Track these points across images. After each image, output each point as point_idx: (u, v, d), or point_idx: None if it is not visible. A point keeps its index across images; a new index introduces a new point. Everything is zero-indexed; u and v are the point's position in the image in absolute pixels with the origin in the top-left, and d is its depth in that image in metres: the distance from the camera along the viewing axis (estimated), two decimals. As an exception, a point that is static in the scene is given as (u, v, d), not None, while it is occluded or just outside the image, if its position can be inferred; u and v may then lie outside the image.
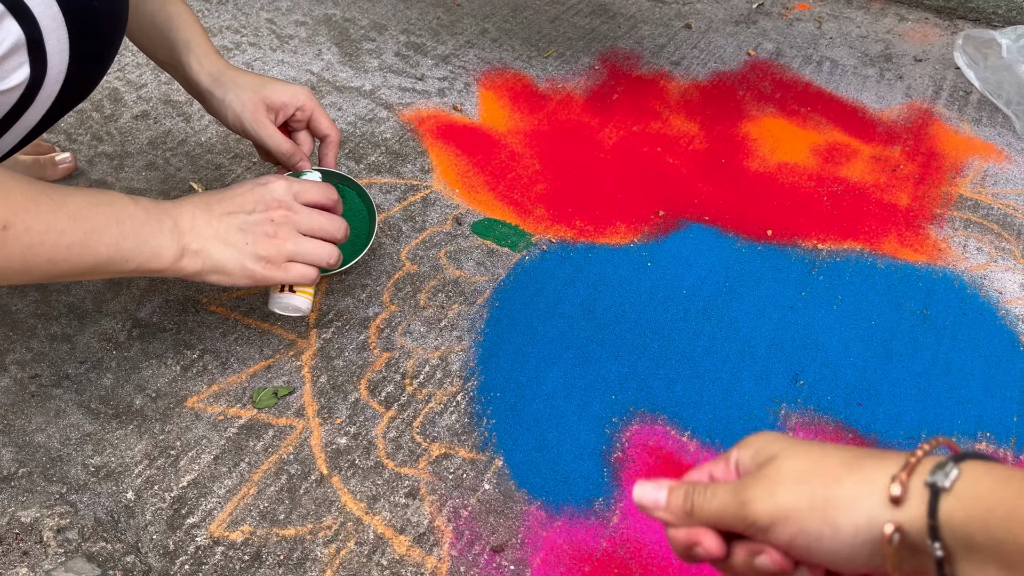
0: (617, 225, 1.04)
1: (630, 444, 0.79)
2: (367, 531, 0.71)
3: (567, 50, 1.38)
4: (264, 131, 0.83)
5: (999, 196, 1.12)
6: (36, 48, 0.61)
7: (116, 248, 0.64)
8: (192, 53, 0.83)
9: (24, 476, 0.72)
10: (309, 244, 0.75)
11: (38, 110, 0.66)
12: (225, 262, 0.71)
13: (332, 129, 0.87)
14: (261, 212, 0.73)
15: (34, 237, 0.60)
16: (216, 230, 0.70)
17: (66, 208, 0.62)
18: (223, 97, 0.83)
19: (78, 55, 0.65)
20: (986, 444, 0.81)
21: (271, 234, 0.73)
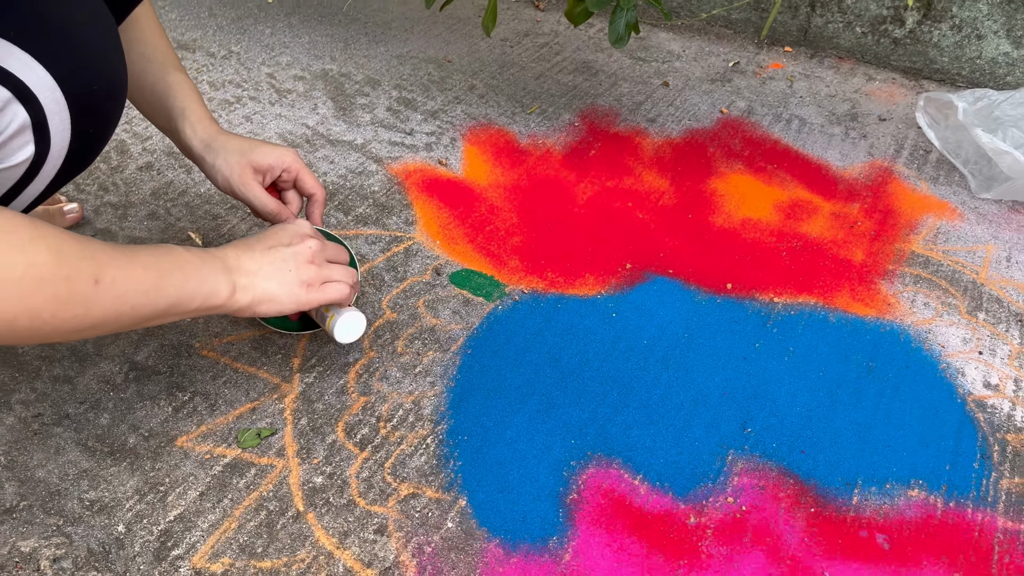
0: (586, 277, 1.11)
1: (585, 487, 0.85)
2: (337, 565, 0.77)
3: (549, 106, 1.46)
4: (251, 192, 0.90)
5: (949, 253, 1.19)
6: (40, 129, 0.69)
7: (182, 289, 0.72)
8: (187, 120, 0.91)
9: (25, 508, 0.79)
10: (338, 269, 0.85)
11: (41, 182, 0.74)
12: (273, 290, 0.79)
13: (317, 188, 0.95)
14: (298, 243, 0.82)
15: (119, 287, 0.66)
16: (260, 265, 0.79)
17: (139, 260, 0.69)
18: (213, 162, 0.90)
19: (79, 133, 0.72)
20: (918, 491, 0.87)
21: (309, 259, 0.82)
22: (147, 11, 0.94)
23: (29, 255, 0.60)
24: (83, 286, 0.64)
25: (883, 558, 0.81)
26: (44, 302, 0.61)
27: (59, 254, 0.62)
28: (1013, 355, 1.04)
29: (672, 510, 0.84)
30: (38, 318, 0.61)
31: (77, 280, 0.63)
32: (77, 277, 0.63)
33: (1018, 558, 0.82)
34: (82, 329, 0.65)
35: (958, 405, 0.97)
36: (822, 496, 0.86)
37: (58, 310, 0.62)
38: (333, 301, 0.84)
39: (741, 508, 0.84)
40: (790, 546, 0.81)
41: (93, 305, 0.65)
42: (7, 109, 0.66)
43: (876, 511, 0.85)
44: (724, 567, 0.79)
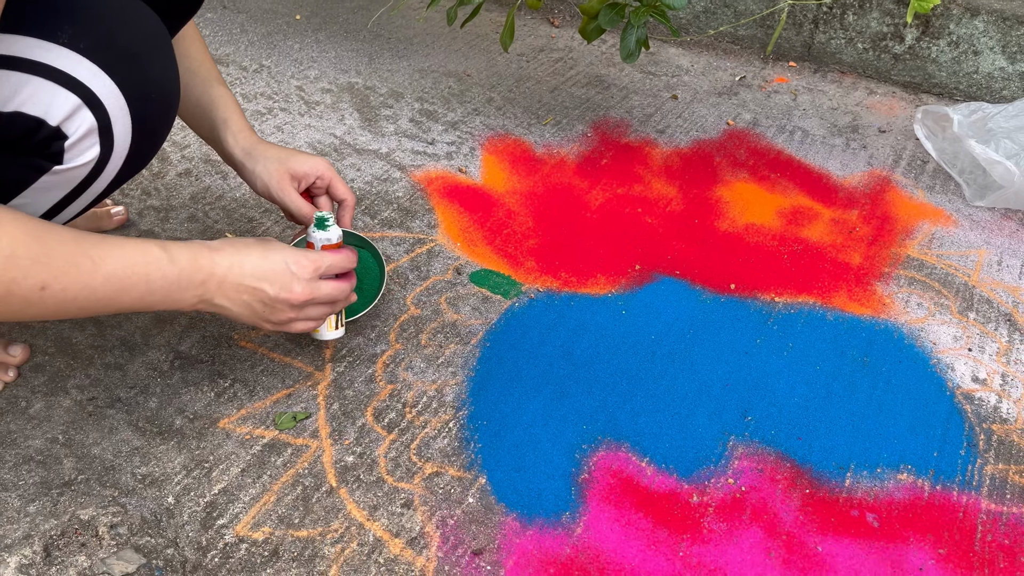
0: (598, 277, 1.18)
1: (596, 468, 0.92)
2: (368, 535, 0.84)
3: (563, 118, 1.54)
4: (288, 197, 0.98)
5: (943, 257, 1.25)
6: (105, 132, 0.77)
7: (141, 300, 0.75)
8: (228, 130, 0.99)
9: (83, 482, 0.86)
10: (314, 311, 0.88)
11: (103, 181, 0.82)
12: (239, 317, 0.83)
13: (348, 194, 1.02)
14: (285, 295, 0.84)
15: (68, 295, 0.70)
16: (240, 296, 0.82)
17: (104, 269, 0.72)
18: (253, 168, 0.98)
19: (138, 137, 0.80)
20: (907, 475, 0.93)
21: (286, 311, 0.85)
22: (193, 29, 1.02)
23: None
24: (26, 291, 0.68)
25: (873, 535, 0.87)
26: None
27: (9, 258, 0.66)
28: (1001, 352, 1.10)
29: (676, 489, 0.90)
30: None
31: (21, 283, 0.67)
32: (21, 282, 0.67)
33: (1000, 537, 0.88)
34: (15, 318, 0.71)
35: (947, 397, 1.03)
36: (817, 479, 0.93)
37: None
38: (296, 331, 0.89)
39: (741, 489, 0.91)
40: (786, 523, 0.88)
41: (32, 306, 0.69)
42: (77, 114, 0.74)
43: (867, 493, 0.91)
44: (724, 541, 0.86)
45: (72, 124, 0.74)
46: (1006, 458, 0.96)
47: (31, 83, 0.71)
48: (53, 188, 0.77)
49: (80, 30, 0.74)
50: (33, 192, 0.77)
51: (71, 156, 0.76)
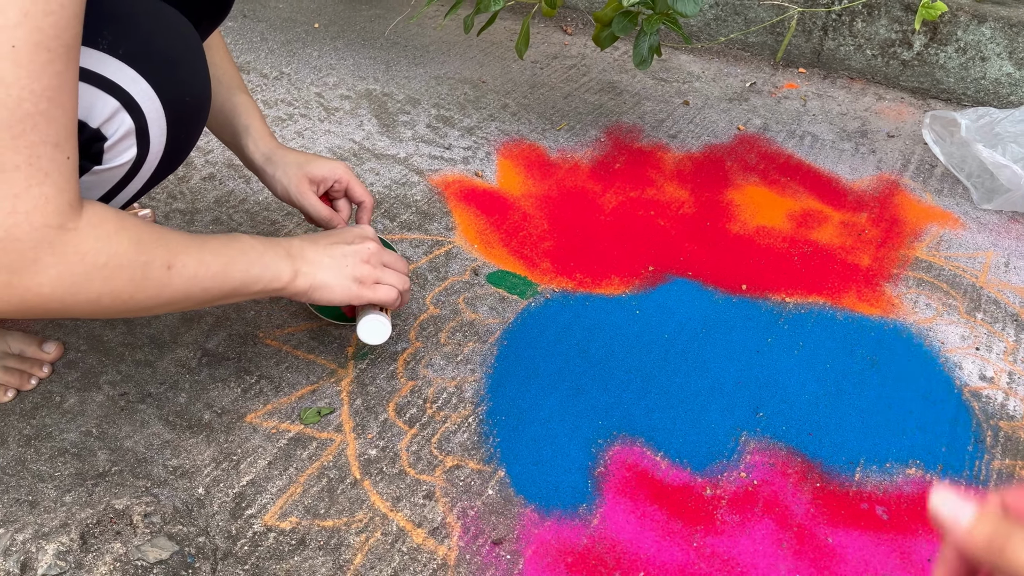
0: (612, 278, 1.21)
1: (611, 461, 0.95)
2: (391, 524, 0.87)
3: (577, 123, 1.57)
4: (307, 201, 1.01)
5: (951, 259, 1.28)
6: (142, 134, 0.80)
7: (247, 273, 0.82)
8: (250, 136, 1.02)
9: (116, 473, 0.89)
10: (391, 274, 0.94)
11: (139, 181, 0.85)
12: (329, 280, 0.89)
13: (366, 196, 1.06)
14: (359, 243, 0.92)
15: (190, 271, 0.76)
16: (321, 256, 0.89)
17: (208, 247, 0.79)
18: (273, 173, 1.01)
19: (172, 138, 0.84)
20: (916, 469, 0.96)
21: (366, 259, 0.92)
22: (218, 38, 1.05)
23: (113, 244, 0.70)
24: (158, 271, 0.74)
25: (882, 527, 0.90)
26: (124, 284, 0.72)
27: (138, 243, 0.72)
28: (1008, 351, 1.12)
29: (690, 483, 0.93)
30: (119, 298, 0.72)
31: (153, 266, 0.73)
32: (153, 263, 0.73)
33: (1007, 530, 0.90)
34: (158, 306, 0.76)
35: (955, 395, 1.05)
36: (827, 473, 0.95)
37: (136, 291, 0.73)
38: (381, 301, 0.94)
39: (753, 482, 0.93)
40: (797, 516, 0.90)
41: (166, 287, 0.75)
42: (116, 117, 0.77)
43: (876, 487, 0.94)
44: (737, 533, 0.88)
45: (111, 126, 0.77)
46: (1013, 454, 0.98)
47: None
48: (92, 188, 0.81)
49: (119, 37, 0.77)
50: (74, 193, 0.80)
51: (110, 157, 0.79)
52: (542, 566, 0.84)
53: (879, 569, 0.85)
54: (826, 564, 0.86)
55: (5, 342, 0.97)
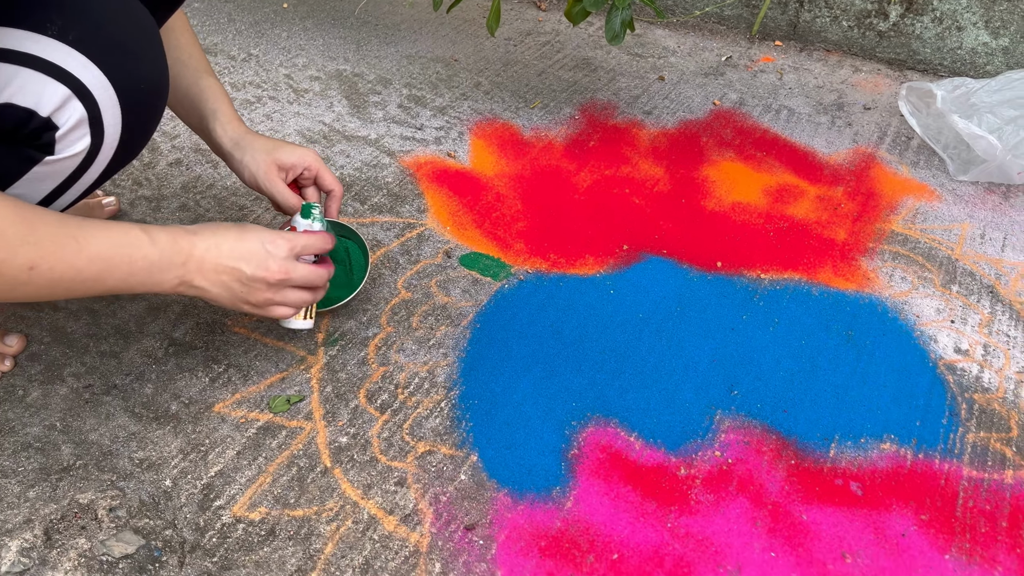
0: (586, 258, 1.19)
1: (585, 443, 0.94)
2: (362, 512, 0.86)
3: (551, 101, 1.55)
4: (275, 188, 0.99)
5: (927, 231, 1.27)
6: (95, 123, 0.78)
7: (124, 281, 0.77)
8: (218, 121, 0.99)
9: (81, 467, 0.88)
10: (292, 295, 0.89)
11: (95, 170, 0.83)
12: (219, 299, 0.85)
13: (335, 185, 1.04)
14: (262, 273, 0.85)
15: (55, 275, 0.72)
16: (219, 277, 0.83)
17: (88, 250, 0.74)
18: (241, 159, 0.99)
19: (128, 127, 0.81)
20: (890, 444, 0.95)
21: (263, 291, 0.86)
22: (183, 20, 1.03)
23: None
24: (15, 271, 0.70)
25: (856, 503, 0.89)
26: None
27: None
28: (983, 323, 1.12)
29: (664, 463, 0.92)
30: None
31: (10, 264, 0.69)
32: (10, 262, 0.69)
33: (981, 502, 0.90)
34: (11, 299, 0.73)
35: (930, 368, 1.05)
36: (802, 450, 0.94)
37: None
38: (274, 318, 0.91)
39: (727, 461, 0.93)
40: (772, 493, 0.90)
41: (22, 286, 0.71)
42: (67, 105, 0.75)
43: (851, 463, 0.93)
44: (711, 512, 0.88)
45: (63, 115, 0.75)
46: (987, 426, 0.98)
47: (21, 74, 0.72)
48: (45, 179, 0.78)
49: (69, 22, 0.75)
50: (26, 183, 0.78)
51: (62, 147, 0.77)
52: (515, 550, 0.83)
53: (853, 545, 0.85)
54: (800, 541, 0.85)
55: (-35, 336, 0.95)
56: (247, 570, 0.80)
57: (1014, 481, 0.92)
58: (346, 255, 1.05)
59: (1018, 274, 1.20)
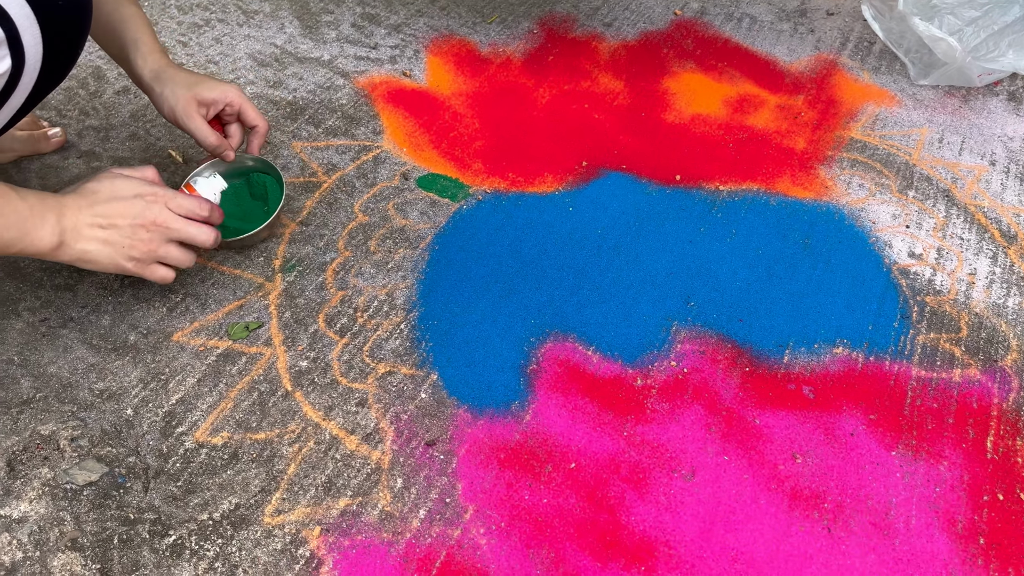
0: (545, 176, 1.18)
1: (543, 359, 0.95)
2: (324, 433, 0.87)
3: (509, 15, 1.51)
4: (194, 124, 0.96)
5: (886, 138, 1.27)
6: (14, 43, 0.75)
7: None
8: (138, 51, 0.96)
9: (41, 399, 0.88)
10: (175, 251, 0.88)
11: (20, 95, 0.80)
12: (99, 258, 0.83)
13: (260, 120, 1.01)
14: (139, 223, 0.84)
15: None
16: (95, 233, 0.82)
17: None
18: (161, 92, 0.96)
19: (50, 47, 0.79)
20: (842, 348, 0.97)
21: (145, 241, 0.85)
22: None
23: None
24: None
25: (808, 406, 0.92)
26: None
27: None
28: (938, 227, 1.13)
29: (621, 375, 0.94)
30: None
31: None
32: None
33: (928, 401, 0.93)
34: None
35: (883, 274, 1.06)
36: (756, 357, 0.96)
37: None
38: (156, 280, 0.89)
39: (683, 371, 0.95)
40: (726, 400, 0.92)
41: None
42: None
43: (804, 368, 0.95)
44: (667, 420, 0.90)
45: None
46: (938, 327, 1.00)
47: None
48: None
49: None
50: (-53, 110, 0.76)
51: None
52: (475, 463, 0.85)
53: (804, 446, 0.88)
54: (753, 444, 0.88)
55: (-87, 274, 0.94)
56: (211, 492, 0.81)
57: (961, 380, 0.95)
58: (264, 191, 1.05)
59: (974, 177, 1.21)
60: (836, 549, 0.80)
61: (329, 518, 0.80)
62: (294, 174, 1.16)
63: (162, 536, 0.78)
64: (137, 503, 0.80)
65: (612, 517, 0.81)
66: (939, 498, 0.84)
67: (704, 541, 0.80)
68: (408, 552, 0.78)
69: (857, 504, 0.83)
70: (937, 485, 0.85)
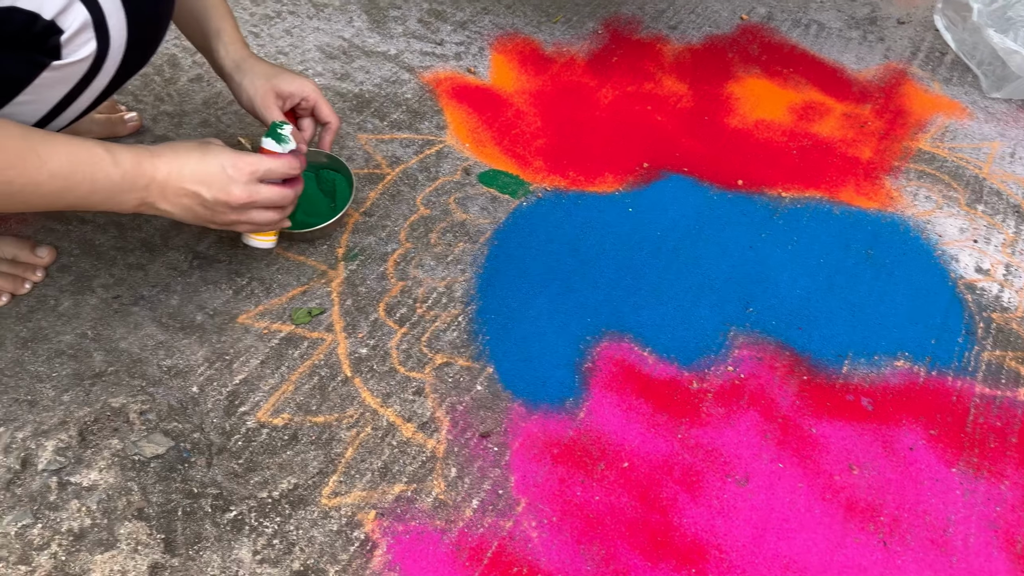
0: (605, 175, 1.19)
1: (599, 357, 0.95)
2: (381, 419, 0.89)
3: (574, 15, 1.52)
4: (270, 114, 0.98)
5: (955, 150, 1.24)
6: (100, 27, 0.78)
7: (84, 200, 0.78)
8: (221, 41, 0.99)
9: (112, 373, 0.91)
10: (258, 215, 0.89)
11: (104, 78, 0.83)
12: (182, 219, 0.85)
13: (332, 117, 1.03)
14: (223, 197, 0.84)
15: (15, 188, 0.74)
16: (180, 201, 0.84)
17: (49, 166, 0.75)
18: (240, 82, 0.98)
19: (134, 33, 0.81)
20: (904, 361, 0.96)
21: (227, 213, 0.86)
22: None
23: None
24: None
25: (866, 417, 0.91)
26: None
27: None
28: (1007, 243, 1.10)
29: (676, 377, 0.94)
30: None
31: None
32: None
33: (992, 419, 0.91)
34: None
35: (949, 288, 1.04)
36: (814, 366, 0.95)
37: None
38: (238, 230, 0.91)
39: (740, 376, 0.94)
40: (782, 408, 0.91)
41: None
42: (70, 8, 0.75)
43: (863, 379, 0.94)
44: (722, 424, 0.89)
45: (66, 18, 0.75)
46: (1004, 345, 0.98)
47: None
48: (55, 84, 0.79)
49: None
50: (36, 89, 0.79)
51: (69, 51, 0.77)
52: (529, 457, 0.86)
53: (861, 457, 0.87)
54: (808, 453, 0.87)
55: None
56: (271, 471, 0.84)
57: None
58: (332, 187, 1.07)
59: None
60: (891, 563, 0.79)
61: (384, 503, 0.82)
62: (358, 165, 1.18)
63: (223, 511, 0.80)
64: (200, 478, 0.83)
65: (664, 518, 0.81)
66: (999, 517, 0.83)
67: (756, 547, 0.79)
68: (460, 540, 0.79)
69: (914, 519, 0.82)
70: (998, 504, 0.84)
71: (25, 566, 0.75)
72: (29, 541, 0.77)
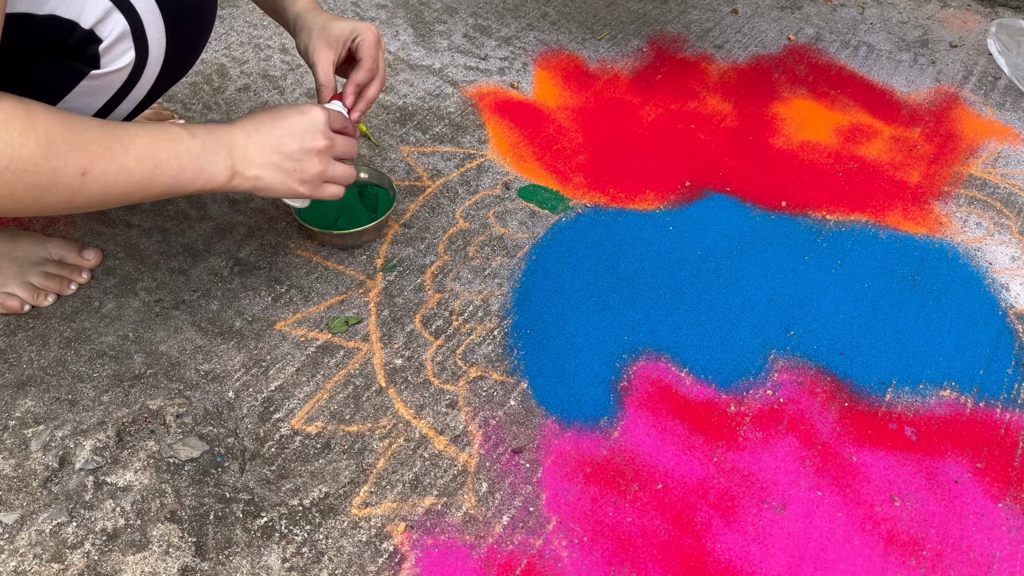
0: (646, 193, 1.18)
1: (635, 376, 0.94)
2: (414, 431, 0.88)
3: (619, 33, 1.51)
4: (318, 58, 0.95)
5: (1008, 176, 1.21)
6: (139, 36, 0.78)
7: (176, 178, 0.78)
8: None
9: (151, 376, 0.92)
10: (340, 168, 0.89)
11: (143, 86, 0.84)
12: (274, 184, 0.84)
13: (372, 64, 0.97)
14: (309, 143, 0.85)
15: (108, 179, 0.73)
16: (268, 159, 0.83)
17: (134, 149, 0.75)
18: (300, 29, 0.96)
19: (174, 42, 0.82)
20: (950, 391, 0.93)
21: (315, 163, 0.86)
22: None
23: (16, 148, 0.67)
24: (69, 178, 0.70)
25: (909, 447, 0.88)
26: (25, 189, 0.69)
27: (48, 146, 0.68)
28: (1060, 273, 1.07)
29: (714, 399, 0.92)
30: (20, 201, 0.69)
31: (63, 172, 0.70)
32: (63, 169, 0.70)
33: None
34: (70, 209, 0.74)
35: (999, 317, 1.01)
36: (856, 393, 0.93)
37: (40, 196, 0.70)
38: (326, 199, 0.90)
39: (779, 400, 0.92)
40: (822, 434, 0.89)
41: (79, 193, 0.72)
42: (109, 18, 0.76)
43: (907, 408, 0.92)
44: (759, 449, 0.88)
45: (105, 28, 0.76)
46: (1055, 378, 0.95)
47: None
48: (94, 93, 0.80)
49: None
50: (75, 97, 0.80)
51: (107, 60, 0.78)
52: (561, 475, 0.85)
53: (903, 488, 0.84)
54: (848, 482, 0.85)
55: (46, 248, 1.00)
56: (303, 479, 0.84)
57: (1079, 435, 0.90)
58: (375, 200, 1.09)
59: (1103, 224, 1.14)
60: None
61: (414, 515, 0.81)
62: (400, 177, 1.19)
63: (255, 517, 0.81)
64: (233, 483, 0.83)
65: (697, 542, 0.80)
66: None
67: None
68: (489, 556, 0.78)
69: (958, 555, 0.79)
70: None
71: (58, 564, 0.76)
72: (63, 539, 0.78)
